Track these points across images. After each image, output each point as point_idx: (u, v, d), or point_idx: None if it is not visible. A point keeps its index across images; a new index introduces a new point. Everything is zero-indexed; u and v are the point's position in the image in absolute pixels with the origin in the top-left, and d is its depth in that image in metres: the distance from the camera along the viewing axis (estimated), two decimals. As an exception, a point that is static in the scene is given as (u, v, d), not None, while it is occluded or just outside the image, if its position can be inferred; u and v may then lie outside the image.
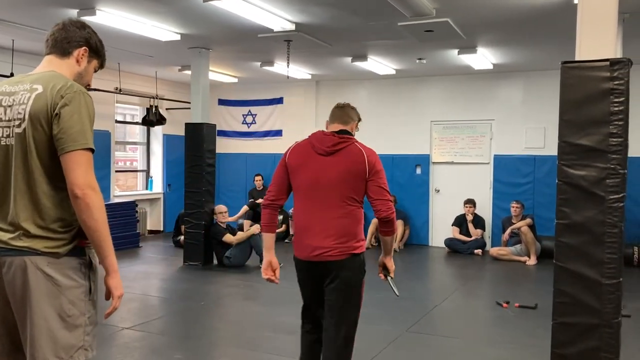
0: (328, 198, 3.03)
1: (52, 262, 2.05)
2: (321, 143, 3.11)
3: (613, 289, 3.11)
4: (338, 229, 3.00)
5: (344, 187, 3.01)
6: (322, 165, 3.06)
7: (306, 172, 3.09)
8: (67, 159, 2.01)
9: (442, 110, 9.86)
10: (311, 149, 3.14)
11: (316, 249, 3.02)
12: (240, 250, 7.70)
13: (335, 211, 3.02)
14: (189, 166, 7.96)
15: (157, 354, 4.37)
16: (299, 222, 3.13)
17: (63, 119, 2.01)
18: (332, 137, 3.10)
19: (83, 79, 2.28)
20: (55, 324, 2.05)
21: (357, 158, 3.03)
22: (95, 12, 5.88)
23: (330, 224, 3.01)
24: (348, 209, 3.02)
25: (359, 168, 3.01)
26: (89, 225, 2.02)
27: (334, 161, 3.04)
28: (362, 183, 3.02)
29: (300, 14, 6.03)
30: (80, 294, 2.11)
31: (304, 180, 3.09)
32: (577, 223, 3.18)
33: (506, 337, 4.85)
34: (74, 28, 2.22)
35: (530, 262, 8.21)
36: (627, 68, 3.09)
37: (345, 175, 3.01)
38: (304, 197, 3.10)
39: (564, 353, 3.24)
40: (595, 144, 3.13)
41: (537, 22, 6.14)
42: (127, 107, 10.77)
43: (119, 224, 8.99)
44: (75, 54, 2.22)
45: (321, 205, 3.03)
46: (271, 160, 11.16)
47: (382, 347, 4.47)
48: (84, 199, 1.99)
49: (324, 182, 3.03)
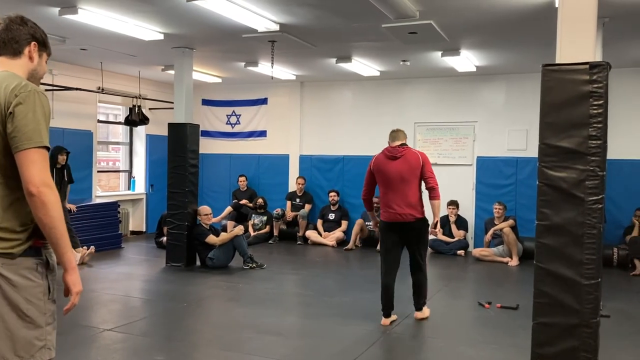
0: (401, 184, 5.01)
1: (6, 262, 2.05)
2: (392, 153, 5.09)
3: (592, 289, 3.15)
4: (409, 203, 5.00)
5: (409, 177, 5.02)
6: (395, 165, 5.04)
7: (385, 171, 5.07)
8: (22, 157, 2.00)
9: (425, 112, 9.91)
10: (385, 157, 5.10)
11: (399, 215, 5.00)
12: (223, 252, 7.66)
13: (406, 192, 5.00)
14: (172, 167, 7.91)
15: (139, 355, 4.33)
16: (385, 201, 5.08)
17: (17, 118, 2.00)
18: (398, 149, 5.10)
19: (38, 73, 2.28)
20: (13, 323, 2.05)
21: (415, 158, 5.07)
22: (77, 10, 5.82)
23: (405, 200, 5.00)
24: (413, 190, 5.03)
25: (416, 164, 5.04)
26: (45, 223, 2.02)
27: (401, 162, 5.04)
28: (419, 172, 5.04)
29: (285, 15, 6.03)
30: (38, 293, 2.10)
31: (385, 176, 5.07)
32: (557, 224, 3.21)
33: (488, 337, 4.89)
34: (17, 26, 2.20)
35: (512, 263, 8.29)
36: (606, 71, 3.13)
37: (409, 169, 5.02)
38: (386, 186, 5.07)
39: (543, 353, 3.28)
40: (575, 146, 3.17)
41: (519, 25, 6.21)
42: (109, 106, 10.67)
43: (101, 224, 8.90)
44: (26, 52, 2.22)
45: (397, 189, 5.01)
46: (255, 161, 11.14)
47: (364, 348, 4.48)
48: (39, 196, 1.99)
49: (397, 175, 5.01)
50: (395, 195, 4.99)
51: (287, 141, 10.88)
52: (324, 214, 10.17)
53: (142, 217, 10.92)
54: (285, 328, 5.09)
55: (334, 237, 9.74)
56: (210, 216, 7.89)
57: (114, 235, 9.14)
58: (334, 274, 7.51)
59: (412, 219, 4.99)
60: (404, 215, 4.98)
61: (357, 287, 6.72)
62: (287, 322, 5.31)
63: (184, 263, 7.75)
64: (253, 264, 7.65)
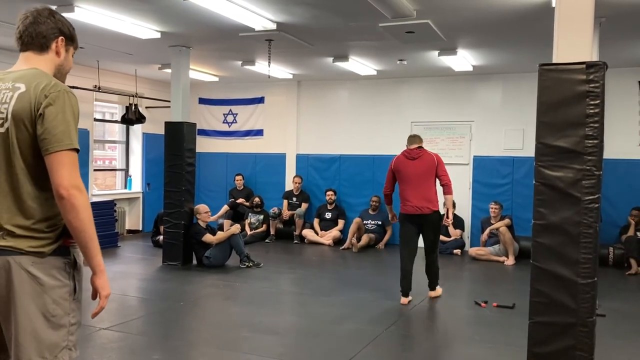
0: (418, 182, 5.76)
1: (36, 261, 2.03)
2: (410, 154, 5.88)
3: (588, 288, 3.16)
4: (426, 197, 5.74)
5: (426, 175, 5.78)
6: (413, 165, 5.83)
7: (405, 170, 5.84)
8: (52, 160, 1.97)
9: (422, 111, 9.92)
10: (405, 158, 5.90)
11: (417, 208, 5.74)
12: (220, 250, 7.66)
13: (423, 188, 5.75)
14: (168, 165, 7.89)
15: (135, 354, 4.33)
16: (404, 195, 5.82)
17: (47, 119, 1.97)
18: (416, 150, 5.90)
19: (65, 68, 2.26)
20: (39, 323, 2.03)
21: (431, 159, 5.84)
22: (73, 8, 5.79)
23: (422, 195, 5.74)
24: (429, 186, 5.78)
25: (432, 164, 5.80)
26: (75, 226, 2.00)
27: (419, 162, 5.82)
28: (434, 171, 5.79)
29: (282, 14, 6.02)
30: (65, 294, 2.09)
31: (405, 174, 5.84)
32: (554, 223, 3.22)
33: (484, 336, 4.89)
34: (45, 19, 2.16)
35: (508, 262, 8.30)
36: (603, 71, 3.14)
37: (426, 169, 5.79)
38: (406, 183, 5.84)
39: (539, 352, 3.29)
40: (571, 146, 3.18)
41: (516, 25, 6.22)
42: (106, 105, 10.65)
43: (97, 223, 8.57)
44: (54, 47, 2.18)
45: (415, 186, 5.76)
46: (252, 160, 11.13)
47: (360, 347, 4.49)
48: (69, 199, 1.97)
49: (415, 174, 5.79)
50: (413, 190, 5.75)
51: (284, 140, 10.87)
52: (321, 213, 10.17)
53: (139, 215, 10.90)
54: (281, 327, 5.09)
55: (331, 236, 9.74)
56: (208, 214, 7.89)
57: (110, 234, 9.12)
58: (330, 273, 7.51)
59: (429, 212, 5.73)
60: (422, 208, 5.73)
61: (353, 286, 6.72)
62: (283, 321, 5.31)
63: (181, 262, 7.74)
64: (250, 262, 7.65)
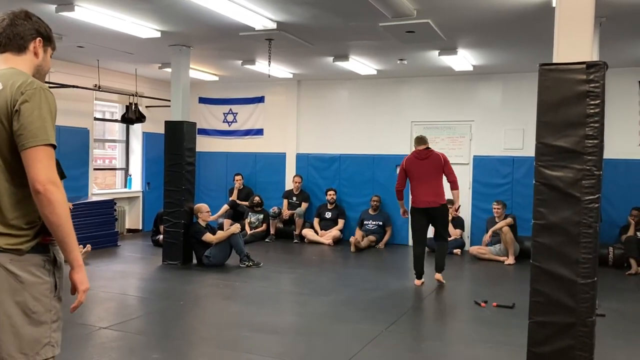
0: (428, 179, 6.56)
1: (14, 259, 2.04)
2: (419, 155, 6.68)
3: (588, 288, 3.16)
4: (435, 192, 6.56)
5: (434, 173, 6.59)
6: (423, 164, 6.62)
7: (415, 168, 6.63)
8: (28, 155, 1.99)
9: (422, 111, 9.92)
10: (415, 158, 6.69)
11: (427, 202, 6.55)
12: (219, 250, 7.66)
13: (432, 185, 6.55)
14: (168, 164, 7.89)
15: (134, 353, 4.32)
16: (415, 191, 6.63)
17: (23, 115, 1.99)
18: (425, 151, 6.71)
19: (44, 69, 2.27)
20: (19, 320, 2.04)
21: (438, 159, 6.65)
22: (73, 7, 5.80)
23: (431, 191, 6.54)
24: (438, 182, 6.60)
25: (439, 163, 6.62)
26: (52, 221, 2.02)
27: (428, 162, 6.62)
28: (442, 169, 6.61)
29: (282, 13, 6.02)
30: (45, 290, 2.10)
31: (416, 173, 6.63)
32: (554, 223, 3.22)
33: (484, 336, 4.89)
34: (22, 21, 2.18)
35: (509, 262, 8.30)
36: (603, 71, 3.14)
37: (434, 167, 6.60)
38: (417, 180, 6.63)
39: (539, 352, 3.29)
40: (571, 146, 3.18)
41: (516, 25, 6.21)
42: (106, 104, 10.64)
43: (98, 222, 8.88)
44: (31, 47, 2.20)
45: (425, 183, 6.56)
46: (252, 159, 11.13)
47: (360, 346, 4.49)
48: (45, 194, 1.98)
49: (425, 172, 6.58)
50: (424, 186, 6.57)
51: (284, 139, 10.87)
52: (321, 212, 10.17)
53: (139, 215, 10.90)
54: (281, 326, 5.09)
55: (331, 236, 9.74)
56: (208, 214, 7.89)
57: (110, 233, 9.12)
58: (330, 273, 7.51)
59: (438, 205, 6.57)
60: (431, 202, 6.54)
61: (353, 285, 6.73)
62: (283, 321, 5.31)
63: (181, 261, 7.74)
64: (249, 262, 7.65)
